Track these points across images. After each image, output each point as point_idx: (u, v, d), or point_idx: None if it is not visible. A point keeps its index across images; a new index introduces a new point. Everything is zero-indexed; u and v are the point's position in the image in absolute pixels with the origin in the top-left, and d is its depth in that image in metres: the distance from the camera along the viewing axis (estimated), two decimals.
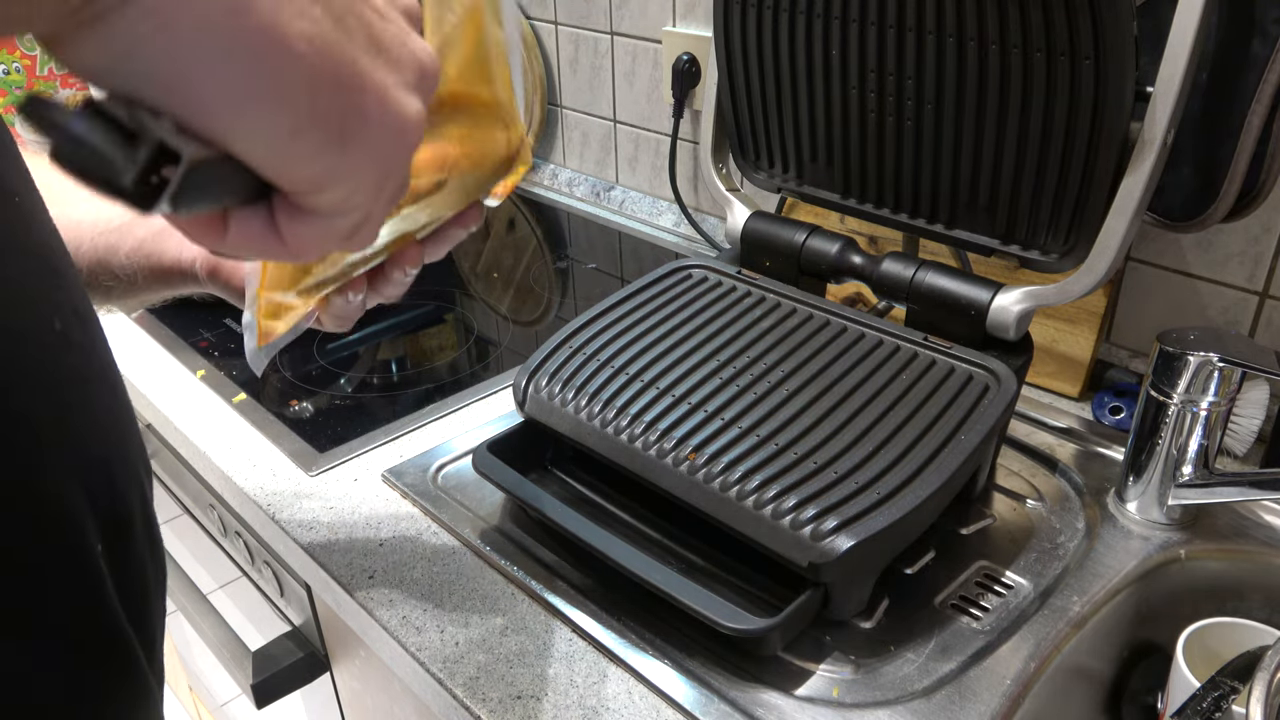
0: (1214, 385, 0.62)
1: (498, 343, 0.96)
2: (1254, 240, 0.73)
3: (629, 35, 1.15)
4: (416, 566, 0.64)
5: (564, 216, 1.26)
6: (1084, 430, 0.76)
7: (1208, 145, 0.64)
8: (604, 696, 0.54)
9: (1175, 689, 0.57)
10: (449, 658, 0.57)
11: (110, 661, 0.36)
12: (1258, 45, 0.60)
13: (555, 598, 0.60)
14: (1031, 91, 0.59)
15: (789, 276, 0.74)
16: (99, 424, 0.36)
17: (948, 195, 0.67)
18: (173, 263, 0.56)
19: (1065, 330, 0.81)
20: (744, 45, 0.72)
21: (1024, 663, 0.56)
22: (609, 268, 1.11)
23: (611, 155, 1.25)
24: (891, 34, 0.63)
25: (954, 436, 0.58)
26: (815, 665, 0.56)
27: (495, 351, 0.94)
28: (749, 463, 0.57)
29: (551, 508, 0.61)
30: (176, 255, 0.56)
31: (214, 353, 0.91)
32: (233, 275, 0.56)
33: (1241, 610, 0.64)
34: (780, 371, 0.64)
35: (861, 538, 0.52)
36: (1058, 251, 0.64)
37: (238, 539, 0.86)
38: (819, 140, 0.72)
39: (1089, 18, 0.54)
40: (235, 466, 0.75)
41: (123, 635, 0.36)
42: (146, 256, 0.56)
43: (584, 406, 0.63)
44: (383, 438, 0.77)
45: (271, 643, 0.81)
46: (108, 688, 0.36)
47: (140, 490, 0.38)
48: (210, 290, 0.58)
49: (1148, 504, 0.66)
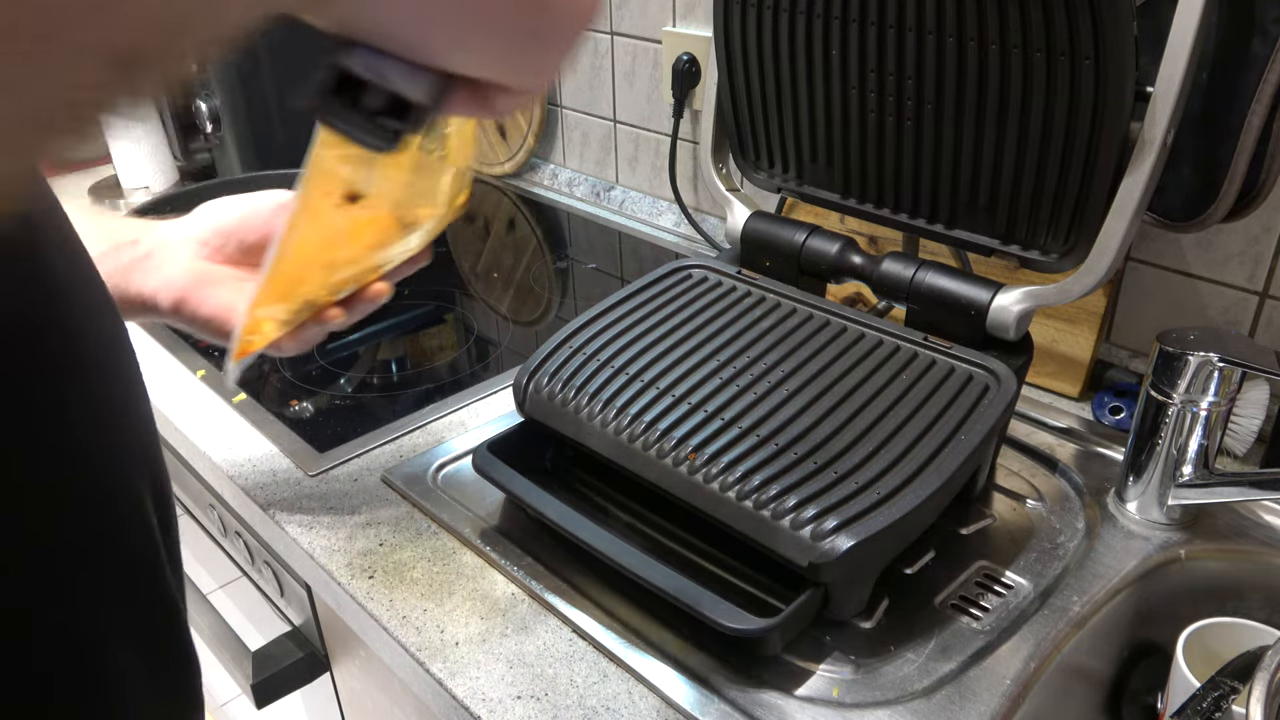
0: (1214, 385, 0.62)
1: (498, 343, 0.96)
2: (1254, 240, 0.73)
3: (629, 35, 1.15)
4: (416, 566, 0.64)
5: (564, 216, 1.26)
6: (1084, 430, 0.76)
7: (1208, 145, 0.64)
8: (604, 696, 0.54)
9: (1175, 689, 0.57)
10: (449, 658, 0.57)
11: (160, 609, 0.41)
12: (1258, 45, 0.60)
13: (555, 598, 0.60)
14: (1031, 91, 0.59)
15: (789, 276, 0.74)
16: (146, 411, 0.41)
17: (948, 195, 0.67)
18: (135, 295, 0.59)
19: (1065, 330, 0.81)
20: (744, 45, 0.72)
21: (1024, 663, 0.56)
22: (609, 268, 1.11)
23: (611, 155, 1.26)
24: (891, 34, 0.63)
25: (954, 436, 0.58)
26: (815, 665, 0.56)
27: (495, 351, 0.94)
28: (749, 463, 0.57)
29: (551, 508, 0.61)
30: (139, 287, 0.59)
31: (214, 353, 0.91)
32: (200, 306, 0.59)
33: (1241, 610, 0.64)
34: (780, 371, 0.64)
35: (861, 538, 0.52)
36: (1058, 251, 0.64)
37: (238, 539, 0.86)
38: (819, 140, 0.72)
39: (1089, 18, 0.54)
40: (235, 466, 0.75)
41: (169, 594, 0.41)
42: (114, 287, 0.58)
43: (584, 406, 0.63)
44: (383, 438, 0.77)
45: (271, 643, 0.81)
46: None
47: (159, 468, 0.43)
48: (170, 321, 0.60)
49: (1148, 504, 0.66)
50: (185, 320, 0.59)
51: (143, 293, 0.59)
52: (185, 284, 0.59)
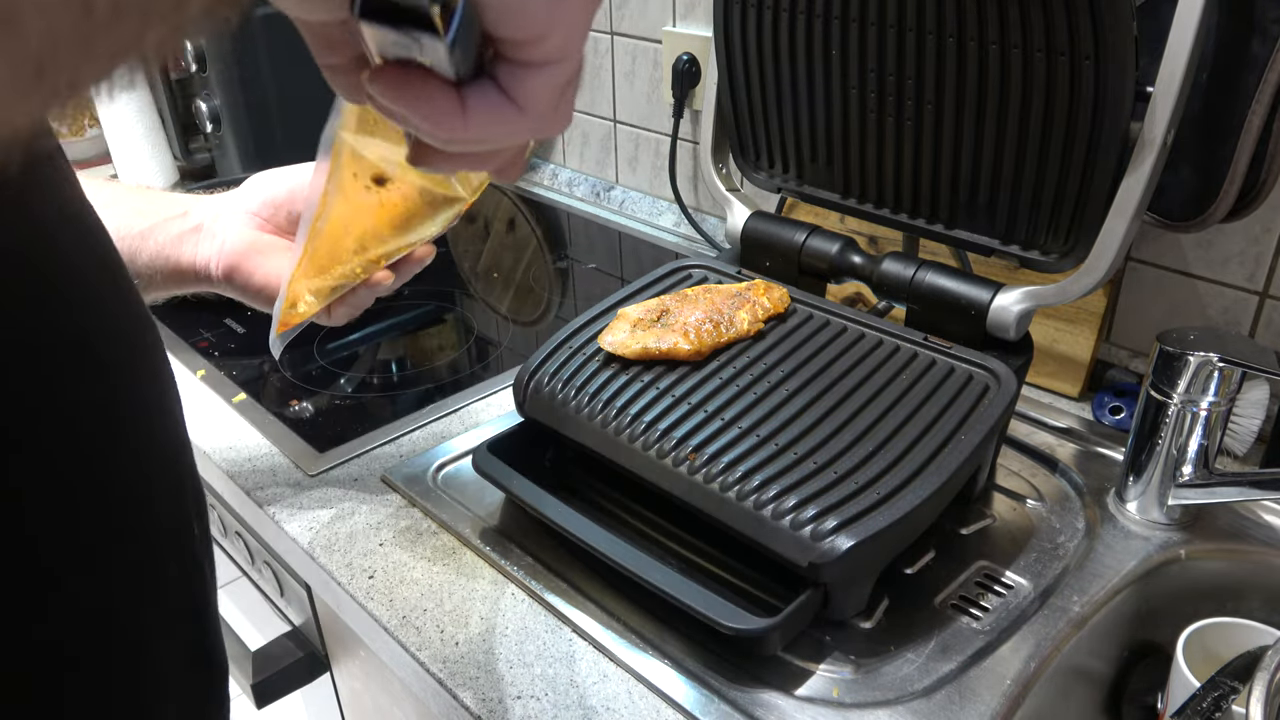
0: (1214, 385, 0.62)
1: (498, 343, 0.96)
2: (1254, 240, 0.73)
3: (629, 35, 1.15)
4: (416, 566, 0.64)
5: (564, 216, 1.26)
6: (1084, 430, 0.76)
7: (1208, 145, 0.64)
8: (604, 696, 0.54)
9: (1175, 689, 0.57)
10: (449, 658, 0.57)
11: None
12: (1258, 45, 0.60)
13: (555, 598, 0.60)
14: (1031, 91, 0.59)
15: (789, 276, 0.74)
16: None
17: (948, 195, 0.67)
18: (188, 266, 0.61)
19: (1065, 330, 0.81)
20: (744, 45, 0.72)
21: (1024, 663, 0.56)
22: (609, 268, 1.11)
23: (611, 155, 1.25)
24: (891, 34, 0.63)
25: (954, 436, 0.58)
26: (815, 665, 0.56)
27: (495, 351, 0.94)
28: (749, 463, 0.57)
29: (551, 508, 0.61)
30: (192, 258, 0.61)
31: (214, 353, 0.92)
32: (251, 275, 0.60)
33: (1241, 610, 0.64)
34: (780, 371, 0.64)
35: (861, 538, 0.52)
36: (1058, 251, 0.64)
37: (238, 539, 0.86)
38: (819, 140, 0.72)
39: (1089, 18, 0.54)
40: (235, 466, 0.75)
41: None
42: (166, 260, 0.61)
43: (584, 406, 0.63)
44: (383, 438, 0.77)
45: (271, 643, 0.81)
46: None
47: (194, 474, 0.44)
48: (222, 290, 0.62)
49: (1148, 504, 0.66)
50: (238, 289, 0.61)
51: (195, 263, 0.61)
52: (236, 253, 0.60)
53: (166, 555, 0.39)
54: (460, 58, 0.28)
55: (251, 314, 0.99)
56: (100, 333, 0.36)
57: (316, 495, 0.71)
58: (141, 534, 0.37)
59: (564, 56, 0.30)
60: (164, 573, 0.38)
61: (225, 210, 0.62)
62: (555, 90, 0.30)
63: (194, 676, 0.41)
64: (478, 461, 0.65)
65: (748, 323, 0.66)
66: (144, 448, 0.38)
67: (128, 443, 0.36)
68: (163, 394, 0.40)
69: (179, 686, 0.39)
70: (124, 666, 0.36)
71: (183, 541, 0.40)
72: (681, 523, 0.64)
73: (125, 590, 0.36)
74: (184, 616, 0.40)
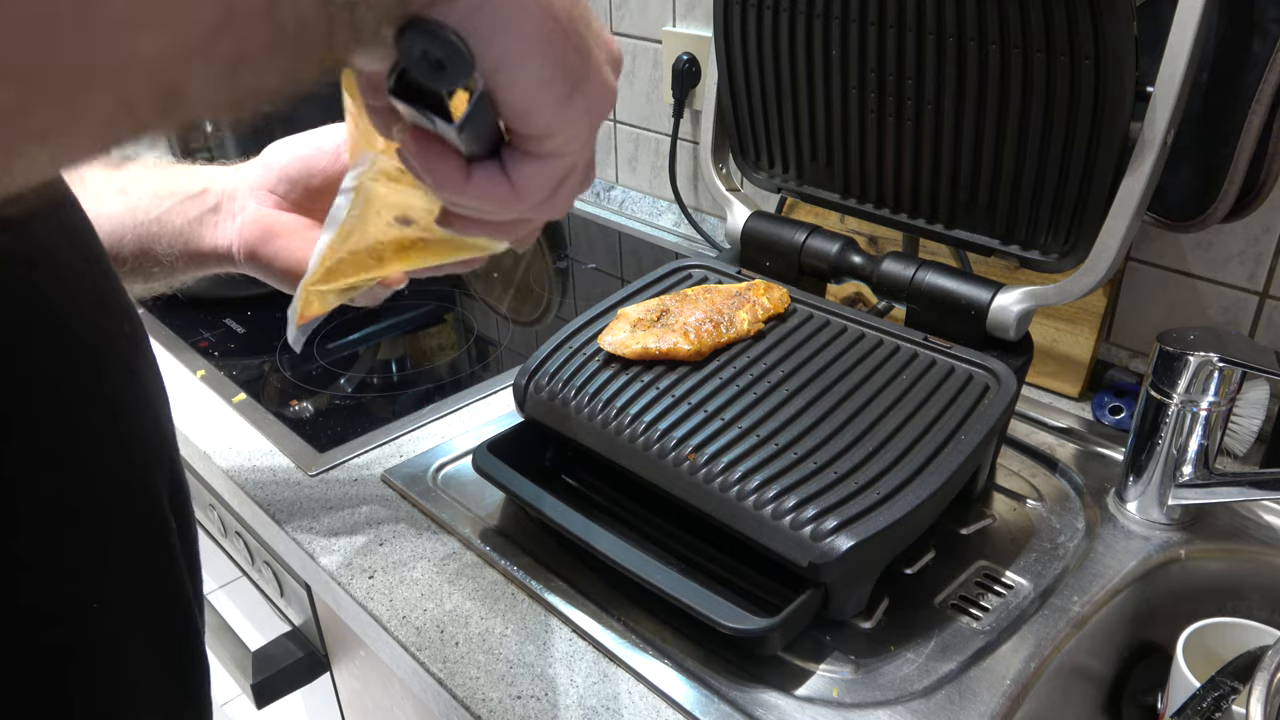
0: (1214, 385, 0.62)
1: (498, 343, 0.96)
2: (1254, 240, 0.73)
3: (629, 35, 1.15)
4: (416, 566, 0.64)
5: (564, 216, 1.26)
6: (1084, 430, 0.76)
7: (1208, 145, 0.64)
8: (604, 696, 0.54)
9: (1175, 689, 0.57)
10: (449, 658, 0.57)
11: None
12: (1258, 45, 0.60)
13: (555, 598, 0.60)
14: (1031, 91, 0.59)
15: (789, 276, 0.74)
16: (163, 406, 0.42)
17: (948, 195, 0.67)
18: (210, 248, 0.61)
19: (1065, 330, 0.81)
20: (744, 45, 0.72)
21: (1024, 663, 0.56)
22: (609, 268, 1.11)
23: (611, 155, 1.25)
24: (891, 34, 0.63)
25: (954, 436, 0.58)
26: (815, 665, 0.56)
27: (495, 351, 0.94)
28: (749, 463, 0.57)
29: (551, 508, 0.61)
30: (213, 241, 0.61)
31: (214, 353, 0.91)
32: (273, 259, 0.60)
33: (1241, 610, 0.64)
34: (780, 371, 0.64)
35: (861, 538, 0.52)
36: (1058, 251, 0.64)
37: (238, 539, 0.86)
38: (819, 140, 0.72)
39: (1089, 18, 0.54)
40: (235, 466, 0.75)
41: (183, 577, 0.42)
42: (185, 243, 0.61)
43: (584, 406, 0.63)
44: (383, 438, 0.77)
45: (271, 643, 0.81)
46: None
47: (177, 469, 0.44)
48: (245, 271, 0.62)
49: (1148, 504, 0.66)
50: (260, 273, 0.61)
51: (217, 246, 0.61)
52: (256, 237, 0.60)
53: (141, 547, 0.39)
54: (469, 139, 0.32)
55: (252, 314, 0.99)
56: (73, 318, 0.36)
57: (316, 495, 0.71)
58: (109, 523, 0.37)
59: (565, 154, 0.33)
60: (136, 564, 0.38)
61: (241, 187, 0.61)
62: (551, 180, 0.34)
63: (171, 673, 0.41)
64: (478, 461, 0.65)
65: (748, 323, 0.66)
66: (113, 436, 0.37)
67: (94, 429, 0.36)
68: (140, 385, 0.40)
69: (151, 683, 0.39)
70: (90, 660, 0.36)
71: (160, 534, 0.40)
72: (681, 523, 0.64)
73: (89, 577, 0.36)
74: (160, 610, 0.40)
